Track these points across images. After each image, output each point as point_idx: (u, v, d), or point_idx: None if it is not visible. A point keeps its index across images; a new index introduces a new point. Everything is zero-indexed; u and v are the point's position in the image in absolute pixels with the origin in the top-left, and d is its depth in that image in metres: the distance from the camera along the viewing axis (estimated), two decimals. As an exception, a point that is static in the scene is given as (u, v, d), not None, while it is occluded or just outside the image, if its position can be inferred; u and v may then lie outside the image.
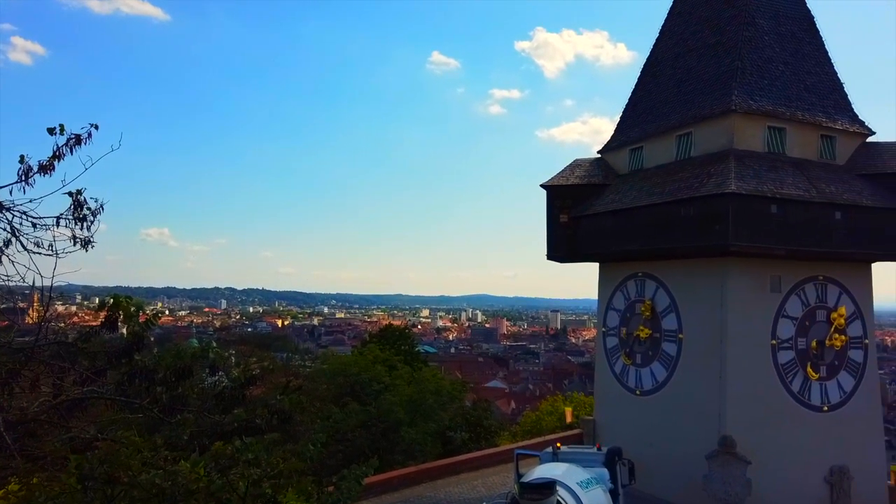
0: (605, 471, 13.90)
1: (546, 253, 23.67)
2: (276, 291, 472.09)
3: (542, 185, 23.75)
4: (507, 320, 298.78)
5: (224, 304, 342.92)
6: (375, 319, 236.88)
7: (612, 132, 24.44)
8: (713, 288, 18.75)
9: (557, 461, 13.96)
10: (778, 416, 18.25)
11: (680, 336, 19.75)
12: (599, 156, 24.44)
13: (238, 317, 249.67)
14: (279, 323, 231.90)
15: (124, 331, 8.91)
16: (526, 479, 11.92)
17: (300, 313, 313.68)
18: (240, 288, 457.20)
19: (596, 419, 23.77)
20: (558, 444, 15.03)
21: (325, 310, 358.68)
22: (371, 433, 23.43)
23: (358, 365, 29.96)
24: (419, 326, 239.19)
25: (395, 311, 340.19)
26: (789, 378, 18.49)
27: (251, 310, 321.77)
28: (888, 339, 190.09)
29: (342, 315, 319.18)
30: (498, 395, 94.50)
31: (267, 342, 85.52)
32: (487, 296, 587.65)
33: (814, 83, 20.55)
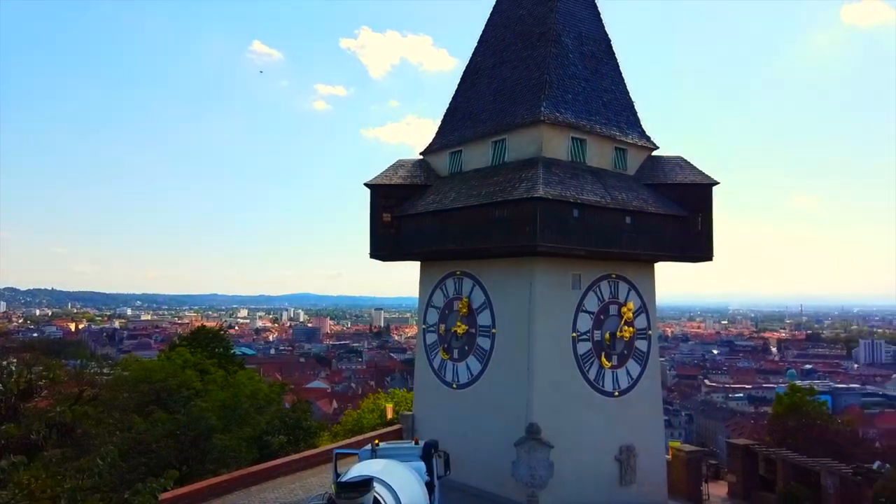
0: (421, 464, 14.24)
1: (369, 251, 23.74)
2: (68, 292, 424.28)
3: (365, 184, 23.78)
4: (331, 319, 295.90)
5: (3, 306, 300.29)
6: (187, 321, 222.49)
7: (434, 135, 25.15)
8: (523, 285, 20.04)
9: (376, 458, 14.03)
10: (577, 403, 19.97)
11: (493, 331, 20.84)
12: (422, 157, 25.03)
13: (21, 320, 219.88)
14: (72, 327, 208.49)
15: None
16: (343, 478, 11.84)
17: (98, 316, 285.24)
18: (23, 288, 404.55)
19: (415, 414, 24.32)
20: (377, 441, 15.12)
21: (129, 311, 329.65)
22: (179, 443, 21.83)
23: (165, 370, 27.81)
24: (236, 328, 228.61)
25: (210, 312, 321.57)
26: (587, 367, 20.32)
27: (37, 312, 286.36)
28: (668, 331, 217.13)
29: (148, 317, 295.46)
30: (320, 396, 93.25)
31: (57, 348, 76.17)
32: (310, 295, 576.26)
33: (610, 100, 22.78)
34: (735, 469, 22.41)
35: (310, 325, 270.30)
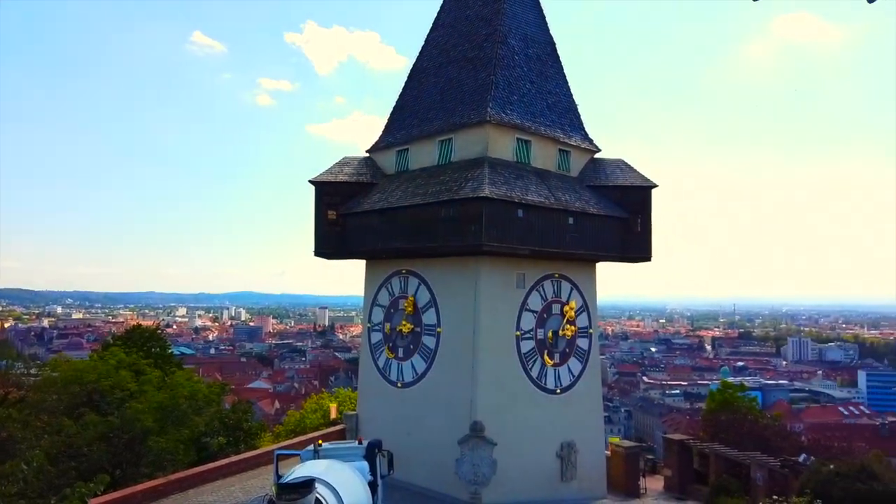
0: (365, 464, 14.16)
1: (314, 249, 23.45)
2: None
3: (310, 181, 23.47)
4: (274, 318, 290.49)
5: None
6: (122, 320, 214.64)
7: (381, 132, 25.02)
8: (468, 284, 20.16)
9: (319, 459, 13.88)
10: (520, 400, 20.23)
11: (439, 330, 20.90)
12: (368, 155, 24.86)
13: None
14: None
15: None
16: (285, 479, 11.66)
17: (26, 314, 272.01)
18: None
19: (359, 413, 24.15)
20: (319, 442, 14.96)
21: (59, 310, 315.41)
22: (112, 446, 21.03)
23: (97, 371, 26.71)
24: (174, 326, 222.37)
25: (147, 311, 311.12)
26: (530, 365, 20.60)
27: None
28: (609, 329, 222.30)
29: (80, 315, 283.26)
30: (261, 396, 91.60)
31: (-20, 349, 72.28)
32: (252, 293, 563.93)
33: (555, 102, 23.16)
34: (671, 463, 23.10)
35: (252, 323, 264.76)
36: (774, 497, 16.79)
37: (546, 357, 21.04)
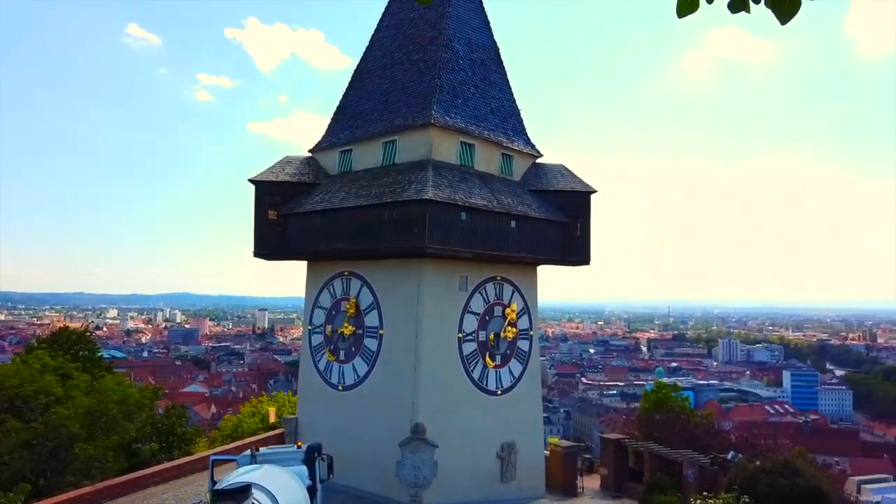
0: (303, 468, 13.97)
1: (253, 250, 22.98)
2: None
3: (250, 180, 23.01)
4: (211, 320, 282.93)
5: None
6: (48, 321, 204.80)
7: (324, 132, 24.73)
8: (411, 287, 20.15)
9: (256, 463, 13.60)
10: (461, 402, 20.34)
11: (381, 332, 20.80)
12: (311, 155, 24.54)
13: None
14: None
15: None
16: (220, 485, 11.38)
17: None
18: None
19: (299, 417, 23.78)
20: (257, 447, 14.66)
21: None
22: (35, 454, 20.02)
23: (20, 375, 25.37)
24: (104, 329, 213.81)
25: (75, 312, 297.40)
26: (471, 367, 20.75)
27: None
28: (549, 331, 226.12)
29: (2, 317, 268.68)
30: (197, 400, 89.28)
31: None
32: (189, 294, 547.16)
33: (498, 107, 23.42)
34: (607, 462, 23.68)
35: (187, 325, 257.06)
36: (704, 493, 17.41)
37: (488, 359, 21.22)
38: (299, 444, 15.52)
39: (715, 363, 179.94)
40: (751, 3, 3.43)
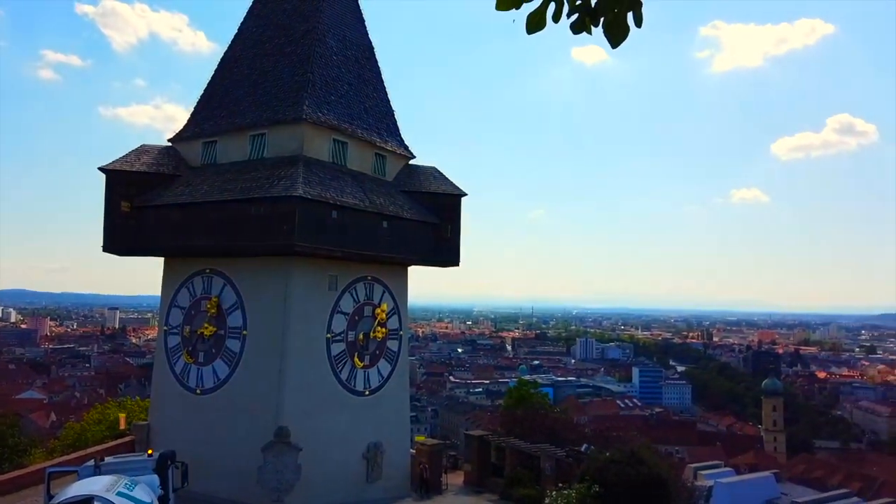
0: (154, 477, 13.15)
1: (103, 244, 21.27)
2: None
3: (101, 169, 21.29)
4: (52, 320, 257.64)
5: None
6: None
7: (187, 122, 23.38)
8: (278, 286, 19.56)
9: (100, 474, 12.58)
10: (328, 404, 20.03)
11: (244, 333, 19.99)
12: (171, 144, 23.11)
13: None
14: None
15: None
16: (58, 499, 10.42)
17: None
18: None
19: (151, 423, 22.27)
20: (101, 456, 13.57)
21: None
22: None
23: None
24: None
25: None
26: (339, 368, 20.49)
27: None
28: (419, 331, 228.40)
29: None
30: (34, 407, 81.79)
31: None
32: (24, 291, 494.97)
33: (372, 106, 23.33)
34: (471, 458, 24.31)
35: (24, 326, 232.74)
36: (560, 485, 18.37)
37: (356, 359, 21.06)
38: (150, 451, 14.61)
39: (573, 361, 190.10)
40: (591, 26, 3.80)
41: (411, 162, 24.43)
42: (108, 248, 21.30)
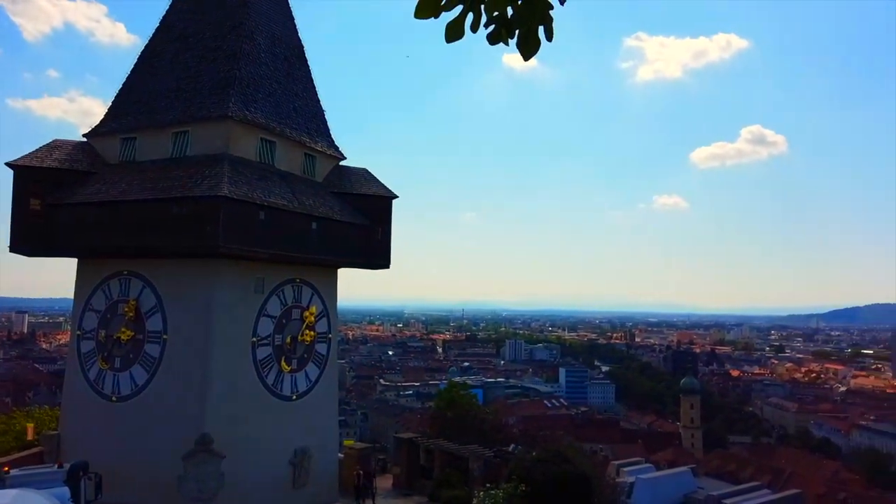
0: (65, 489, 12.49)
1: (9, 244, 20.02)
2: None
3: (8, 164, 20.07)
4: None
5: None
6: None
7: (104, 116, 22.31)
8: (201, 288, 18.93)
9: (4, 488, 11.84)
10: (254, 409, 19.51)
11: (165, 337, 19.22)
12: (86, 140, 22.00)
13: None
14: None
15: None
16: (-46, 518, 9.72)
17: None
18: None
19: (62, 433, 21.07)
20: (6, 469, 12.77)
21: None
22: None
23: None
24: None
25: None
26: (265, 372, 20.00)
27: None
28: (349, 334, 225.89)
29: None
30: (-71, 420, 75.55)
31: None
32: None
33: (301, 106, 22.94)
34: (400, 461, 24.26)
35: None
36: (488, 485, 18.59)
37: (283, 363, 20.62)
38: (60, 463, 13.86)
39: (503, 362, 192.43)
40: (507, 38, 3.91)
41: (342, 163, 24.17)
42: (15, 248, 20.07)
